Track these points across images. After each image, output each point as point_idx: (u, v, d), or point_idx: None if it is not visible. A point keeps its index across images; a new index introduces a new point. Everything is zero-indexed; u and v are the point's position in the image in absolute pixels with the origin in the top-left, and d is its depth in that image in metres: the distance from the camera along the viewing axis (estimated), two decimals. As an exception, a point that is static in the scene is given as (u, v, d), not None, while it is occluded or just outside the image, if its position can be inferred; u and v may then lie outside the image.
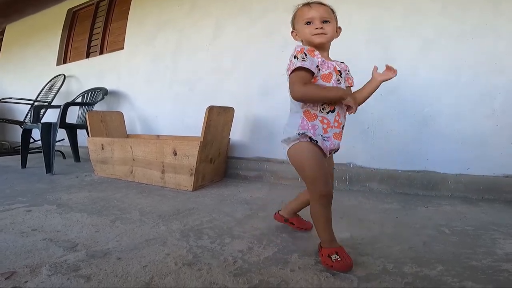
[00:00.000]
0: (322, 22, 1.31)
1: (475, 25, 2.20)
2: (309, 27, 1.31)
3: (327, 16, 1.32)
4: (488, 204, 2.04)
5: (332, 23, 1.33)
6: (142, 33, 4.04)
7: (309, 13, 1.32)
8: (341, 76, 1.34)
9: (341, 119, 1.33)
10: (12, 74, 6.08)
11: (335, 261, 1.18)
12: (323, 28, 1.30)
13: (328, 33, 1.31)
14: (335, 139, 1.33)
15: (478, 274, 1.14)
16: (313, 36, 1.31)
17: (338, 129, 1.33)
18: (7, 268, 1.16)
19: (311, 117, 1.29)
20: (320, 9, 1.32)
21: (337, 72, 1.32)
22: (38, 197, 2.22)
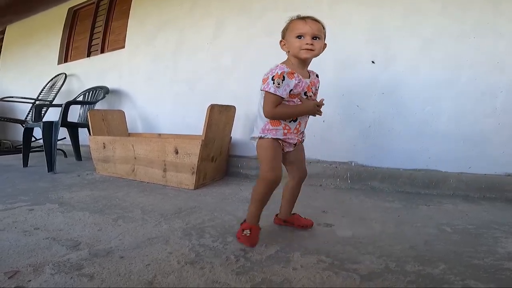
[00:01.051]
0: (312, 38, 1.36)
1: (475, 25, 2.20)
2: (300, 41, 1.36)
3: (318, 33, 1.37)
4: (490, 203, 2.04)
5: (321, 40, 1.39)
6: (143, 32, 4.04)
7: (303, 28, 1.36)
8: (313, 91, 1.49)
9: (301, 127, 1.51)
10: (13, 73, 6.08)
11: (244, 235, 1.41)
12: (313, 44, 1.36)
13: (316, 50, 1.37)
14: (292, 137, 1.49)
15: (480, 272, 1.15)
16: (302, 51, 1.37)
17: (296, 134, 1.50)
18: (10, 267, 1.17)
19: (275, 123, 1.45)
20: (313, 25, 1.36)
21: (309, 90, 1.45)
22: (40, 196, 2.22)
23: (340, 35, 2.62)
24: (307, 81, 1.43)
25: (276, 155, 1.46)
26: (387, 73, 2.46)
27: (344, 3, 2.62)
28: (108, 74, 4.35)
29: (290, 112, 1.43)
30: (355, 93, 2.55)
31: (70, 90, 4.74)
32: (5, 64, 6.31)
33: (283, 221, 1.65)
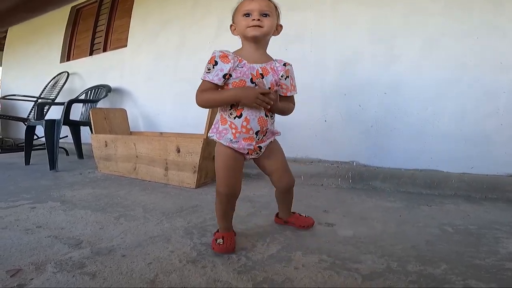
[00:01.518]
0: (261, 15, 1.26)
1: (478, 25, 2.20)
2: (246, 19, 1.27)
3: (267, 9, 1.26)
4: (492, 203, 2.04)
5: (272, 18, 1.28)
6: (145, 31, 4.04)
7: (248, 5, 1.26)
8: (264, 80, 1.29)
9: (250, 124, 1.30)
10: (16, 71, 6.10)
11: (218, 244, 1.31)
12: (260, 20, 1.25)
13: (265, 26, 1.26)
14: (245, 142, 1.32)
15: (482, 272, 1.15)
16: (248, 29, 1.27)
17: (246, 134, 1.31)
18: (13, 265, 1.17)
19: (223, 121, 1.34)
20: (261, 1, 1.26)
21: (257, 76, 1.28)
22: (42, 194, 2.23)
23: (342, 35, 2.62)
24: (255, 66, 1.28)
25: (230, 166, 1.33)
26: (389, 72, 2.45)
27: (347, 2, 2.62)
28: (110, 73, 4.36)
29: (216, 98, 1.30)
30: (357, 93, 2.55)
31: (72, 88, 4.75)
32: (8, 62, 6.33)
33: (284, 221, 1.64)
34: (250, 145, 1.32)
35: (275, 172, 1.45)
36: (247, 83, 1.26)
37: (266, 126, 1.33)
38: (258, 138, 1.34)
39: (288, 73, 1.35)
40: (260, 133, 1.33)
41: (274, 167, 1.44)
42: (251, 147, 1.33)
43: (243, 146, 1.32)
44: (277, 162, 1.44)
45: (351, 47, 2.58)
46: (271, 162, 1.43)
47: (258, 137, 1.34)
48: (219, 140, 1.33)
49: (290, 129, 2.76)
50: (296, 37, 2.72)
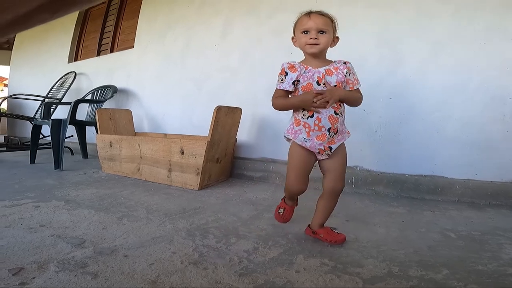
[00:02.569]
0: (318, 33, 1.38)
1: (486, 29, 2.18)
2: (305, 36, 1.40)
3: (324, 27, 1.38)
4: (495, 210, 2.02)
5: (328, 34, 1.39)
6: (152, 32, 4.07)
7: (307, 23, 1.39)
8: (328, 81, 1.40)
9: (322, 122, 1.40)
10: (24, 70, 6.16)
11: (278, 214, 1.66)
12: (317, 39, 1.38)
13: (321, 44, 1.38)
14: (317, 140, 1.41)
15: (483, 278, 1.14)
16: (306, 46, 1.40)
17: (319, 132, 1.41)
18: (15, 264, 1.18)
19: (297, 122, 1.45)
20: (318, 19, 1.38)
21: (322, 78, 1.40)
22: (47, 193, 2.25)
23: (348, 38, 2.60)
24: (320, 70, 1.41)
25: (301, 165, 1.47)
26: (395, 77, 2.45)
27: (353, 5, 2.62)
28: (116, 74, 4.40)
29: (285, 102, 1.47)
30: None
31: (79, 88, 4.79)
32: (17, 61, 6.39)
33: (312, 232, 1.54)
34: (321, 144, 1.41)
35: (329, 172, 1.47)
36: (314, 85, 1.40)
37: (337, 123, 1.41)
38: (330, 135, 1.41)
39: (349, 69, 1.45)
40: (332, 130, 1.41)
41: (332, 166, 1.46)
42: (322, 146, 1.42)
43: (315, 145, 1.42)
44: (335, 162, 1.46)
45: (356, 50, 2.58)
46: (331, 161, 1.46)
47: (330, 134, 1.41)
48: (294, 139, 1.45)
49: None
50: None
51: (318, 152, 1.44)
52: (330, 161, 1.46)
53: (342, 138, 1.46)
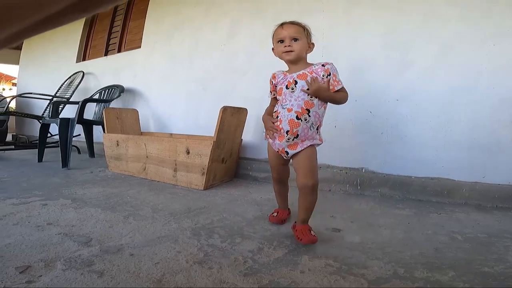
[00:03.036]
0: (292, 40, 1.50)
1: (495, 31, 2.16)
2: (280, 45, 1.53)
3: (296, 34, 1.49)
4: (503, 213, 2.01)
5: (301, 40, 1.50)
6: (159, 32, 4.09)
7: (281, 33, 1.51)
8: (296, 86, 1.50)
9: (282, 124, 1.51)
10: (33, 69, 6.22)
11: (272, 216, 1.77)
12: (291, 46, 1.49)
13: (296, 50, 1.50)
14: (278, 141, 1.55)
15: (490, 280, 1.14)
16: (283, 54, 1.53)
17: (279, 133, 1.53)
18: (22, 262, 1.19)
19: None
20: (290, 29, 1.49)
21: (291, 83, 1.51)
22: (54, 191, 2.27)
23: (354, 40, 2.61)
24: (293, 75, 1.53)
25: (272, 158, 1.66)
26: (402, 79, 2.43)
27: (360, 7, 2.61)
28: (123, 73, 4.42)
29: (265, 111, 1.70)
30: (368, 99, 2.53)
31: (86, 88, 4.83)
32: (26, 60, 6.46)
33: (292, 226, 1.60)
34: (280, 145, 1.54)
35: (296, 169, 1.54)
36: (283, 90, 1.54)
37: (297, 127, 1.48)
38: (288, 138, 1.50)
39: (328, 71, 1.49)
40: (290, 133, 1.49)
41: (298, 163, 1.53)
42: (280, 147, 1.56)
43: (276, 144, 1.57)
44: (301, 159, 1.52)
45: (363, 52, 2.57)
46: (297, 159, 1.54)
47: (288, 137, 1.50)
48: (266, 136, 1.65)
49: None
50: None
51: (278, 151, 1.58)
52: (296, 159, 1.54)
53: (307, 144, 1.52)
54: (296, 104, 1.49)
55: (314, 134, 1.53)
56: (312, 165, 1.51)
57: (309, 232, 1.46)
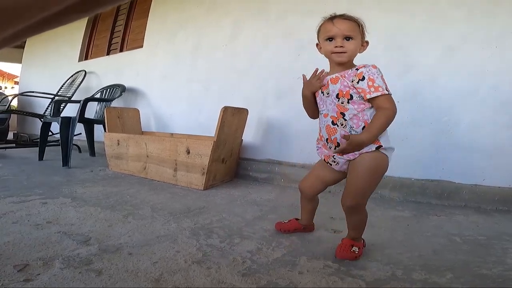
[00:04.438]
0: (344, 39, 1.28)
1: (499, 33, 2.15)
2: (330, 44, 1.30)
3: (350, 33, 1.28)
4: (502, 215, 2.00)
5: (356, 40, 1.30)
6: (161, 32, 4.10)
7: (331, 30, 1.29)
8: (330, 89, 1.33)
9: (322, 132, 1.40)
10: (35, 68, 6.24)
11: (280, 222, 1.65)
12: (344, 46, 1.28)
13: (349, 51, 1.29)
14: (324, 149, 1.43)
15: (488, 282, 1.14)
16: (333, 55, 1.31)
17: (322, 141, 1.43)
18: (21, 260, 1.19)
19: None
20: (342, 25, 1.28)
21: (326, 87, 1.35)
22: (54, 190, 2.27)
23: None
24: (327, 77, 1.35)
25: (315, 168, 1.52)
26: (404, 80, 2.43)
27: (364, 8, 2.60)
28: (125, 73, 4.43)
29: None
30: (369, 100, 2.52)
31: (88, 87, 4.83)
32: (28, 59, 6.47)
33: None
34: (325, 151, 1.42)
35: (345, 186, 1.35)
36: (319, 94, 1.39)
37: (335, 134, 1.32)
38: (330, 146, 1.37)
39: (360, 76, 1.26)
40: (330, 141, 1.36)
41: (347, 181, 1.35)
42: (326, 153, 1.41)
43: (323, 153, 1.44)
44: (350, 177, 1.33)
45: (365, 53, 2.56)
46: (348, 175, 1.35)
47: (329, 145, 1.37)
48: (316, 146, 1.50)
49: (298, 136, 2.77)
50: (309, 42, 2.70)
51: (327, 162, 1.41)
52: (349, 174, 1.34)
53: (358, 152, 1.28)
54: (331, 109, 1.32)
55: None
56: (357, 184, 1.30)
57: (348, 248, 1.33)
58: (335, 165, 1.38)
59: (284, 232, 1.60)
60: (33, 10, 0.27)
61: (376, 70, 1.28)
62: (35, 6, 0.27)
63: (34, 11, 0.27)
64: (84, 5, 0.29)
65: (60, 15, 0.28)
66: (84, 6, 0.29)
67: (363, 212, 1.36)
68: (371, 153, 1.27)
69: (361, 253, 1.33)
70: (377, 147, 1.27)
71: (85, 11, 0.30)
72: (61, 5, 0.27)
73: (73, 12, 0.29)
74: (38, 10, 0.27)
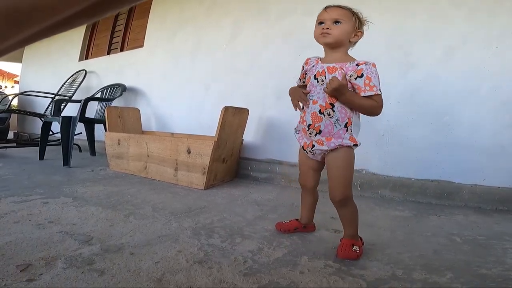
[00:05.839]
0: (333, 23, 1.33)
1: (499, 33, 2.16)
2: (319, 27, 1.36)
3: (339, 17, 1.32)
4: (502, 215, 2.01)
5: (345, 25, 1.33)
6: (161, 31, 4.10)
7: (322, 15, 1.36)
8: (326, 78, 1.34)
9: (305, 117, 1.41)
10: (36, 67, 6.24)
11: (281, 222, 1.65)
12: (329, 28, 1.32)
13: (333, 33, 1.32)
14: (304, 134, 1.46)
15: (487, 282, 1.15)
16: (319, 36, 1.36)
17: (302, 125, 1.45)
18: (23, 260, 1.19)
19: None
20: (333, 11, 1.34)
21: (321, 74, 1.36)
22: (55, 189, 2.27)
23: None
24: (324, 65, 1.37)
25: (300, 158, 1.54)
26: (404, 80, 2.43)
27: (363, 7, 2.58)
28: (125, 72, 4.43)
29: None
30: (369, 100, 2.53)
31: (89, 86, 4.84)
32: (29, 58, 6.47)
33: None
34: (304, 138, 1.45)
35: (329, 179, 1.40)
36: (311, 79, 1.40)
37: (320, 122, 1.36)
38: (310, 132, 1.39)
39: (359, 73, 1.29)
40: (312, 127, 1.38)
41: (330, 173, 1.40)
42: (308, 141, 1.43)
43: (302, 139, 1.47)
44: (332, 169, 1.39)
45: (365, 53, 2.55)
46: (329, 167, 1.41)
47: (310, 131, 1.39)
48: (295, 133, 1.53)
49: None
50: (310, 42, 2.71)
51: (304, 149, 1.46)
52: (329, 168, 1.40)
53: (335, 143, 1.35)
54: (322, 97, 1.34)
55: (342, 133, 1.35)
56: (342, 175, 1.37)
57: (349, 247, 1.34)
58: (311, 155, 1.46)
59: (284, 232, 1.61)
60: (41, 16, 0.28)
61: (375, 69, 1.33)
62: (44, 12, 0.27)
63: (43, 17, 0.28)
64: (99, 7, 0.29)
65: (72, 18, 0.29)
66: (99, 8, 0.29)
67: (352, 203, 1.42)
68: (346, 148, 1.37)
69: (361, 252, 1.35)
70: (354, 144, 1.38)
71: (98, 13, 0.31)
72: (71, 11, 0.28)
73: (80, 18, 0.30)
74: (46, 17, 0.28)
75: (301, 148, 1.49)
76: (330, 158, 1.39)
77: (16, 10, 0.26)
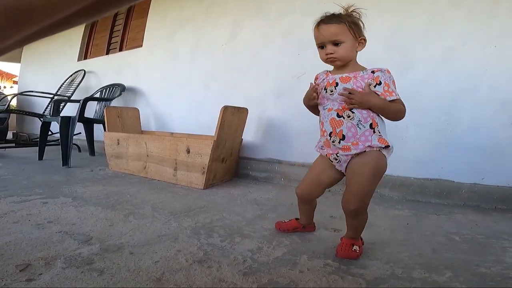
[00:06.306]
0: (333, 45, 1.29)
1: (499, 33, 2.16)
2: (322, 51, 1.34)
3: (337, 37, 1.28)
4: (501, 214, 2.01)
5: (346, 42, 1.29)
6: (160, 31, 4.10)
7: (318, 37, 1.32)
8: (336, 88, 1.31)
9: (325, 127, 1.35)
10: (34, 67, 6.23)
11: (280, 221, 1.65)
12: (334, 53, 1.29)
13: (339, 56, 1.30)
14: (326, 147, 1.39)
15: (487, 281, 1.15)
16: (326, 61, 1.35)
17: (324, 138, 1.37)
18: (23, 260, 1.19)
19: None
20: (327, 31, 1.29)
21: (331, 84, 1.33)
22: (54, 189, 2.27)
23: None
24: (335, 76, 1.34)
25: (312, 169, 1.48)
26: (403, 80, 2.42)
27: (363, 7, 2.60)
28: (125, 72, 4.43)
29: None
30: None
31: (88, 86, 4.83)
32: (28, 58, 6.47)
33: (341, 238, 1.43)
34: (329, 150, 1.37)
35: (346, 187, 1.33)
36: (322, 92, 1.36)
37: (340, 127, 1.29)
38: (332, 140, 1.32)
39: (377, 80, 1.28)
40: (334, 135, 1.31)
41: (347, 182, 1.33)
42: (329, 151, 1.37)
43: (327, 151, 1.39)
44: (350, 177, 1.32)
45: (364, 53, 2.56)
46: (348, 175, 1.34)
47: (332, 139, 1.32)
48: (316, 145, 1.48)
49: (298, 135, 2.78)
50: (309, 42, 2.71)
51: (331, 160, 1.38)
52: (351, 173, 1.31)
53: (364, 144, 1.27)
54: (337, 104, 1.30)
55: (369, 134, 1.27)
56: (365, 183, 1.28)
57: (349, 247, 1.32)
58: (336, 163, 1.36)
59: (284, 231, 1.60)
60: (41, 15, 0.28)
61: (390, 75, 1.32)
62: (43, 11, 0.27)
63: (42, 16, 0.28)
64: (98, 6, 0.29)
65: (72, 17, 0.29)
66: (98, 7, 0.29)
67: (365, 214, 1.34)
68: (375, 152, 1.28)
69: (361, 251, 1.35)
70: (385, 146, 1.29)
71: (97, 12, 0.31)
72: (71, 10, 0.28)
73: (79, 17, 0.30)
74: (46, 16, 0.28)
75: (322, 156, 1.43)
76: (355, 162, 1.30)
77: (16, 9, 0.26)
